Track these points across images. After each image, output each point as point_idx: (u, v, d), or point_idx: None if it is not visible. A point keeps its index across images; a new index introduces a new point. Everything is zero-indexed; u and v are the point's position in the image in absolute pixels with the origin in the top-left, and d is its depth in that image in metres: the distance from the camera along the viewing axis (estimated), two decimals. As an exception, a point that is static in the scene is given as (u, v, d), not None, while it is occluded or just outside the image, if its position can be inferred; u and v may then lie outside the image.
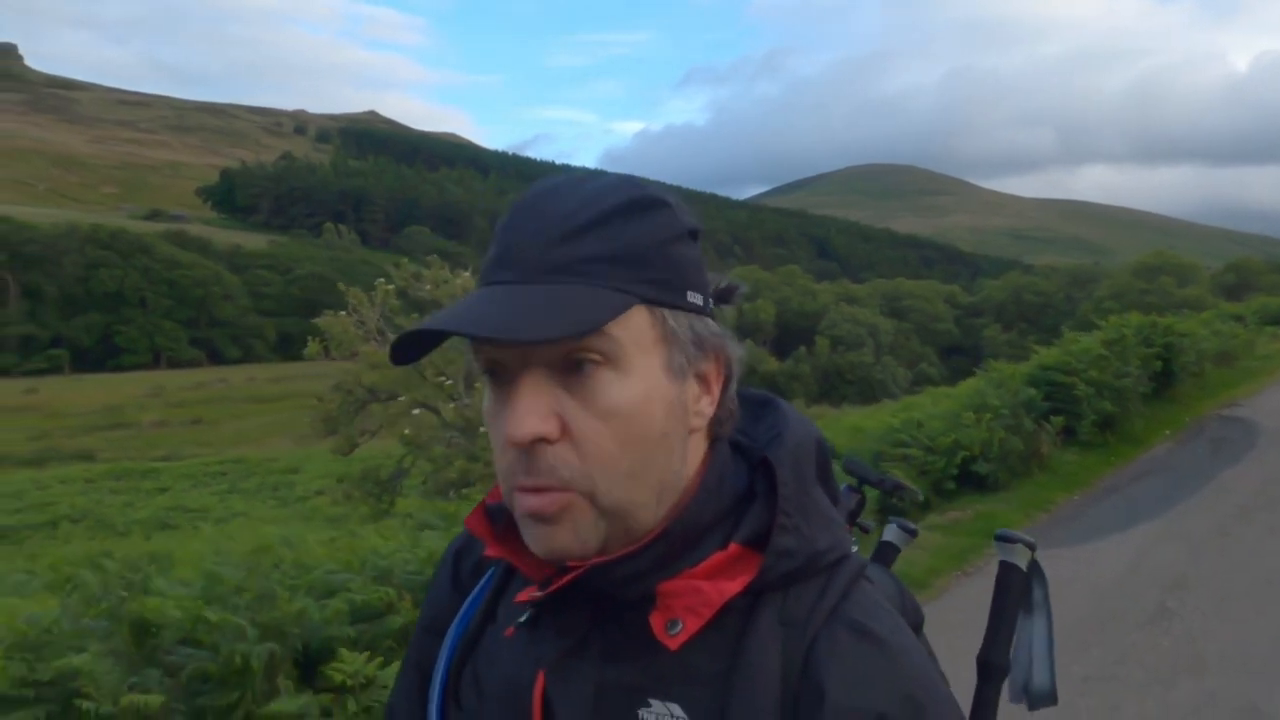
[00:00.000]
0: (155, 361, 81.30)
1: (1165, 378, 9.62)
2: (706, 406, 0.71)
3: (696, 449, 0.71)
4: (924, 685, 0.67)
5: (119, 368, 77.45)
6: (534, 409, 0.64)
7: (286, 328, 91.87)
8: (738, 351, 0.72)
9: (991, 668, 0.91)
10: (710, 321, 0.71)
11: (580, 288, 0.64)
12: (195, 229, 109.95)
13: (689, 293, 0.69)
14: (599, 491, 0.65)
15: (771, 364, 47.86)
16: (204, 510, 15.41)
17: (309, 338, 18.34)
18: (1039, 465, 7.59)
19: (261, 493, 19.19)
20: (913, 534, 1.08)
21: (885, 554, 1.06)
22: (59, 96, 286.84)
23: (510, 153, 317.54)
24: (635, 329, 0.66)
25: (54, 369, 75.07)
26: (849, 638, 0.67)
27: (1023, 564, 0.92)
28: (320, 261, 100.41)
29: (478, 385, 12.04)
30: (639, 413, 0.66)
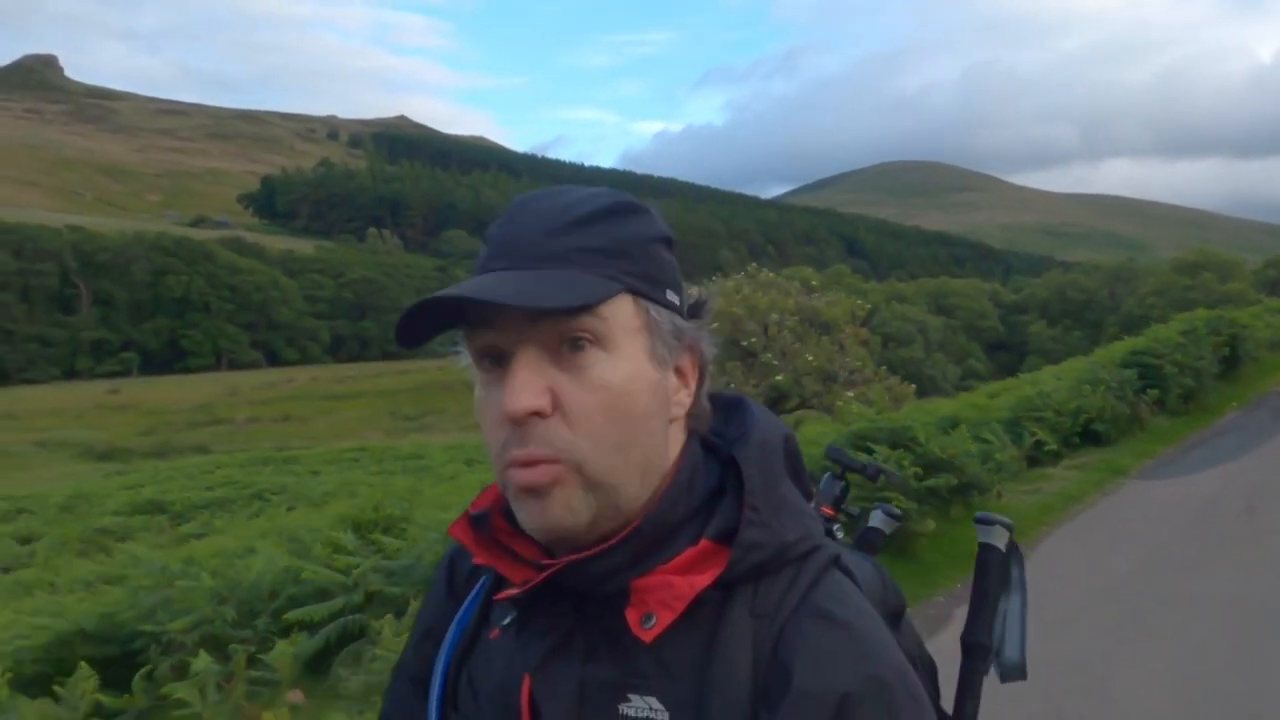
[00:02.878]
0: (217, 363, 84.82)
1: (1231, 361, 11.85)
2: (685, 398, 0.76)
3: (676, 439, 0.76)
4: (888, 665, 0.69)
5: (185, 370, 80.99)
6: (529, 384, 0.68)
7: (339, 330, 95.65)
8: (711, 351, 0.78)
9: (975, 646, 0.94)
10: (687, 321, 0.76)
11: (571, 273, 0.69)
12: (247, 236, 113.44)
13: (668, 291, 0.74)
14: (587, 461, 0.69)
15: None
16: (375, 485, 17.82)
17: None
18: (1139, 427, 9.85)
19: (407, 473, 21.53)
20: (898, 519, 1.11)
21: (871, 539, 1.09)
22: (100, 106, 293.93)
23: (537, 155, 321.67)
24: (622, 314, 0.71)
25: (124, 372, 78.73)
26: (815, 624, 0.70)
27: (1001, 545, 0.95)
28: (367, 266, 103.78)
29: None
30: (626, 390, 0.70)
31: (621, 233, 0.72)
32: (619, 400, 0.70)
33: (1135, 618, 5.00)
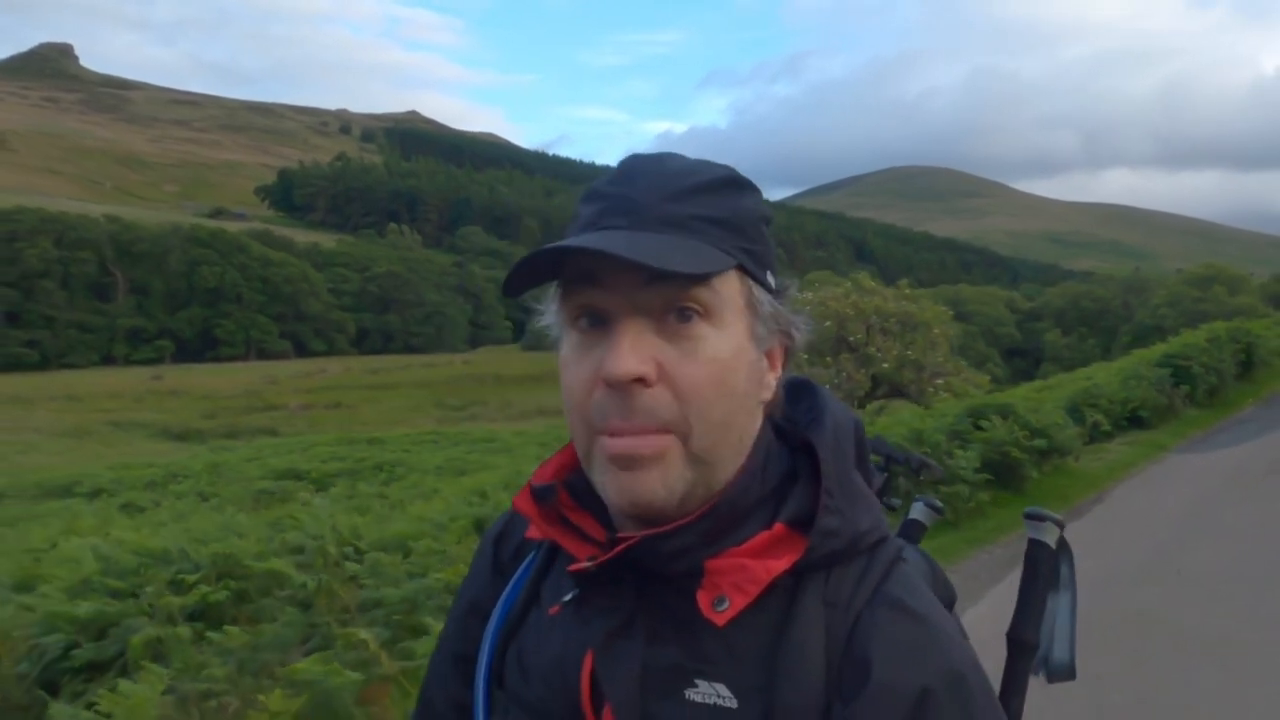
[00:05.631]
0: (246, 353, 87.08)
1: (1247, 365, 14.12)
2: (772, 381, 0.74)
3: (758, 422, 0.74)
4: (963, 659, 0.68)
5: (217, 358, 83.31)
6: (636, 350, 0.66)
7: (364, 322, 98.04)
8: (802, 339, 0.76)
9: (1022, 644, 0.92)
10: (780, 305, 0.74)
11: (691, 240, 0.67)
12: (275, 229, 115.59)
13: (769, 274, 0.73)
14: (694, 434, 0.67)
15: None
16: (481, 463, 20.00)
17: None
18: (1174, 416, 12.09)
19: (497, 453, 23.69)
20: (939, 512, 1.09)
21: (912, 531, 1.08)
22: (114, 95, 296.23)
23: (548, 153, 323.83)
24: (731, 290, 0.69)
25: (158, 359, 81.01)
26: (891, 616, 0.69)
27: (1051, 541, 0.92)
28: (391, 260, 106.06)
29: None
30: (732, 366, 0.68)
31: (738, 207, 0.71)
32: (726, 375, 0.68)
33: (1189, 535, 7.26)
